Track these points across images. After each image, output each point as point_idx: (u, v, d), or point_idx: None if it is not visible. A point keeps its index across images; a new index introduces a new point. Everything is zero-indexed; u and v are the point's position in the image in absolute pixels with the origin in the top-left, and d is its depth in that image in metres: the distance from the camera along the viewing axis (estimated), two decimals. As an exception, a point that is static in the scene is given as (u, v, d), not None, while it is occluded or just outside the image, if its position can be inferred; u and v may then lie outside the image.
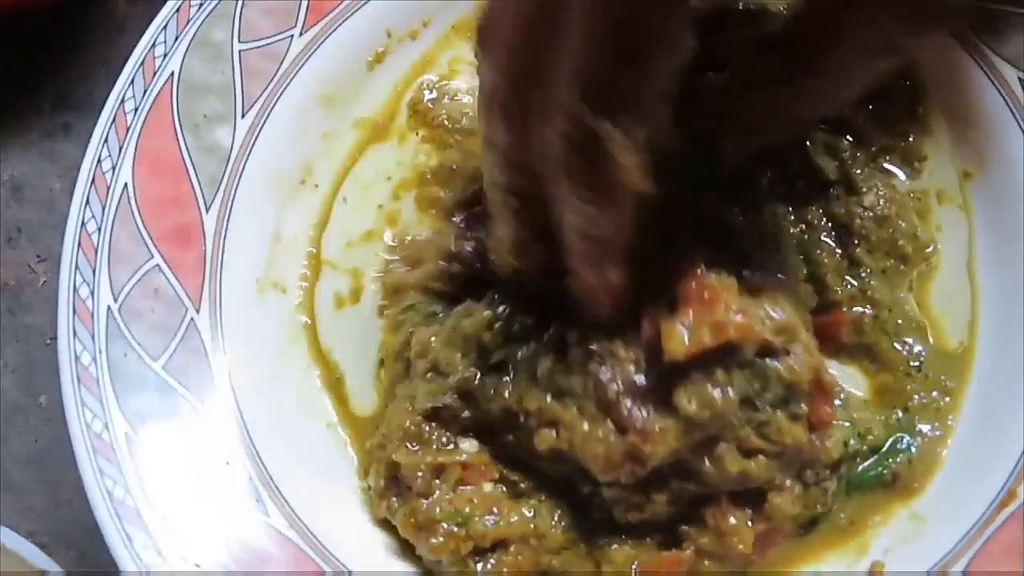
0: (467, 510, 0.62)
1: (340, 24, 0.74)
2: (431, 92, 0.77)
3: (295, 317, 0.72)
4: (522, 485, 0.64)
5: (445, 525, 0.62)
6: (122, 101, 0.69)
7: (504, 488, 0.64)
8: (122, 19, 0.89)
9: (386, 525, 0.66)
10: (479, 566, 0.62)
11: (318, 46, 0.74)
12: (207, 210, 0.69)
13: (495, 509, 0.63)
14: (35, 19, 0.87)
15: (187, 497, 0.63)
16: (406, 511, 0.63)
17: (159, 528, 0.61)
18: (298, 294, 0.72)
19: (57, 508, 0.74)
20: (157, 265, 0.67)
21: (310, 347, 0.71)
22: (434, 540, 0.62)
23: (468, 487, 0.63)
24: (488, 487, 0.63)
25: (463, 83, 0.77)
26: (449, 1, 0.78)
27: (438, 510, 0.62)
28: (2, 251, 0.82)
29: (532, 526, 0.63)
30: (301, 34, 0.73)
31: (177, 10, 0.71)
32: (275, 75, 0.73)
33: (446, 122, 0.76)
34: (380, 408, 0.69)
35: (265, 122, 0.72)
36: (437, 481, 0.63)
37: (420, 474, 0.63)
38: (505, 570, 0.62)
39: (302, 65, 0.73)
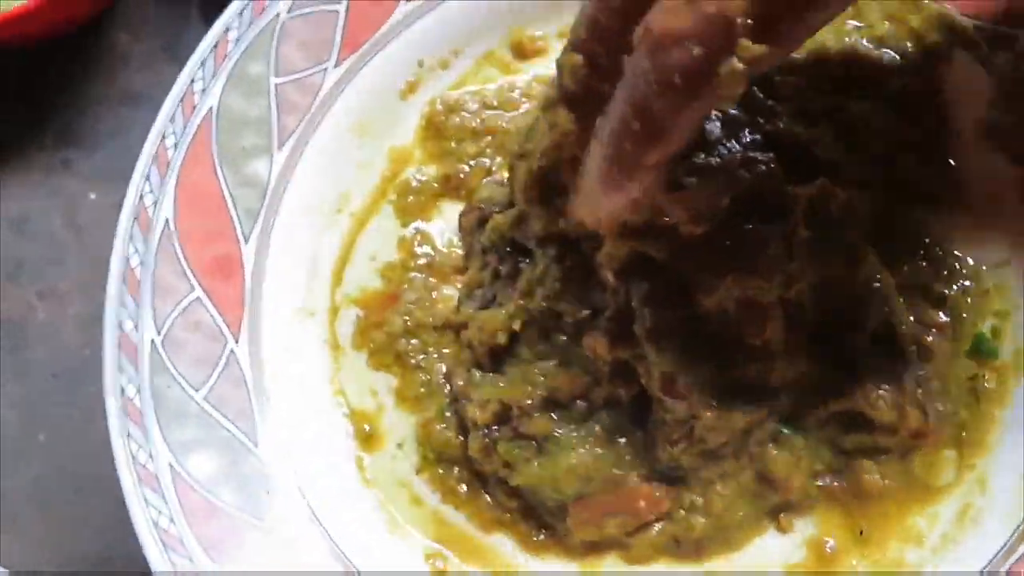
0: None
1: (373, 56, 0.76)
2: (444, 107, 0.78)
3: (329, 345, 0.74)
4: None
5: None
6: (163, 138, 0.71)
7: None
8: (124, 53, 0.89)
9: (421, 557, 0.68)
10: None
11: (352, 77, 0.75)
12: (246, 242, 0.71)
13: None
14: (37, 52, 0.88)
15: (229, 526, 0.65)
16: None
17: (202, 557, 0.63)
18: (330, 322, 0.74)
19: (59, 544, 0.75)
20: (198, 298, 0.69)
21: (334, 378, 0.73)
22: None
23: None
24: None
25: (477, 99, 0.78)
26: (480, 26, 0.78)
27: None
28: (3, 287, 0.83)
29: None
30: (336, 66, 0.75)
31: (215, 46, 0.73)
32: (311, 107, 0.74)
33: (456, 134, 0.77)
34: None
35: (302, 154, 0.74)
36: None
37: None
38: None
39: (337, 97, 0.75)
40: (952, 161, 0.71)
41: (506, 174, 0.72)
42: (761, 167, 0.63)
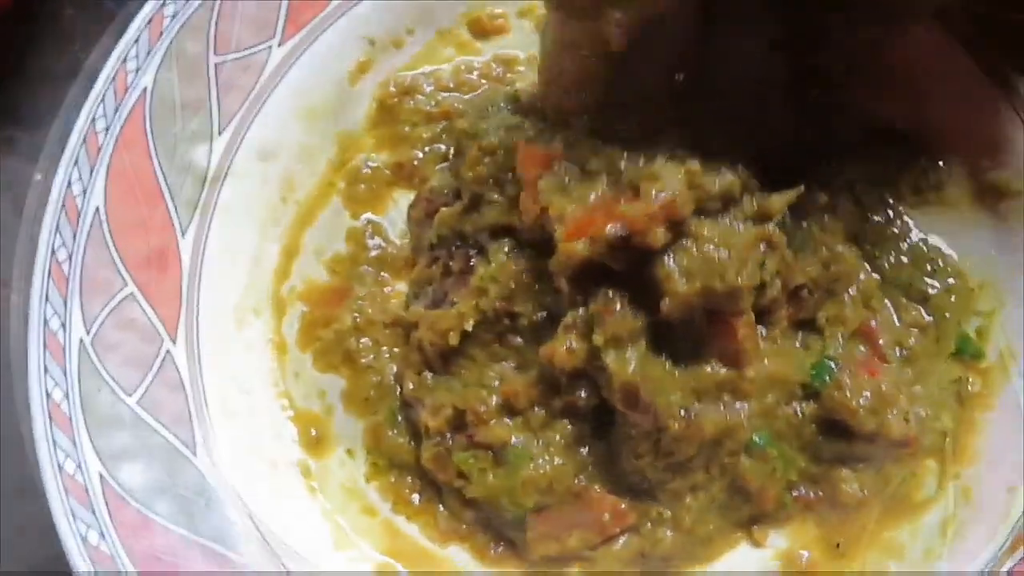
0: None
1: (322, 33, 0.71)
2: (397, 88, 0.74)
3: (273, 344, 0.69)
4: None
5: None
6: (93, 120, 0.66)
7: None
8: (69, 28, 0.85)
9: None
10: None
11: (298, 57, 0.71)
12: (183, 234, 0.67)
13: None
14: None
15: (165, 540, 0.61)
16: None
17: (135, 574, 0.59)
18: (275, 319, 0.70)
19: (4, 548, 0.71)
20: (132, 294, 0.65)
21: (279, 378, 0.69)
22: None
23: None
24: None
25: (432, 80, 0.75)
26: (435, 2, 0.75)
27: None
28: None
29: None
30: (280, 45, 0.70)
31: (149, 21, 0.68)
32: (253, 88, 0.70)
33: (410, 117, 0.74)
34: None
35: (243, 138, 0.69)
36: None
37: None
38: None
39: (282, 77, 0.70)
40: (938, 157, 0.69)
41: None
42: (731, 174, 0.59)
